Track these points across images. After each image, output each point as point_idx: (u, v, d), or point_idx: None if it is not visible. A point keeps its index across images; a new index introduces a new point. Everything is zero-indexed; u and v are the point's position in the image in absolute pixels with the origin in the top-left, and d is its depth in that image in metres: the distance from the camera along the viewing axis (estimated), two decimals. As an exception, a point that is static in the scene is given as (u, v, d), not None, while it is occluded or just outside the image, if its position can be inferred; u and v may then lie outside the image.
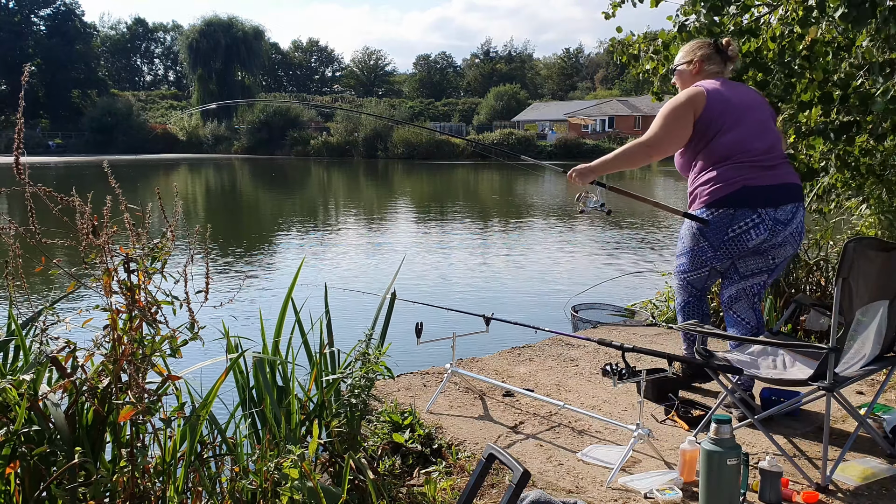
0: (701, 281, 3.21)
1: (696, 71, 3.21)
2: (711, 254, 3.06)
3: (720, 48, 3.22)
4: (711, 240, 3.03)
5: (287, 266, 9.76)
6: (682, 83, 3.29)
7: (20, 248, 1.93)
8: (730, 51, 3.23)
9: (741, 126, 3.03)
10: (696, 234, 3.08)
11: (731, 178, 3.00)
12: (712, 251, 3.05)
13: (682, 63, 3.27)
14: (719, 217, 2.99)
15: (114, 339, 1.90)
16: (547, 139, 50.66)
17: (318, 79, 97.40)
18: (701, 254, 3.09)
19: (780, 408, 2.87)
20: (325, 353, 2.83)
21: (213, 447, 2.32)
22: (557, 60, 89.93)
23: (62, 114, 66.02)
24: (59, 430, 1.89)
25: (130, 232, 1.90)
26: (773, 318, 4.33)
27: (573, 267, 9.73)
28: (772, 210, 2.99)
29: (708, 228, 3.02)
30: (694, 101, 3.04)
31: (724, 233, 2.99)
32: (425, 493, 2.46)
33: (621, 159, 3.15)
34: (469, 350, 4.25)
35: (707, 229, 3.02)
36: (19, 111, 1.73)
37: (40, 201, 1.84)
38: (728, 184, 3.00)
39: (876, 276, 2.53)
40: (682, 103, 3.05)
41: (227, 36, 63.85)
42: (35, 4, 68.83)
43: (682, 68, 3.27)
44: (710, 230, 3.02)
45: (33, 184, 1.81)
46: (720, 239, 3.01)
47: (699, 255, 3.10)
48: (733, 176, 3.00)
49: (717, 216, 3.00)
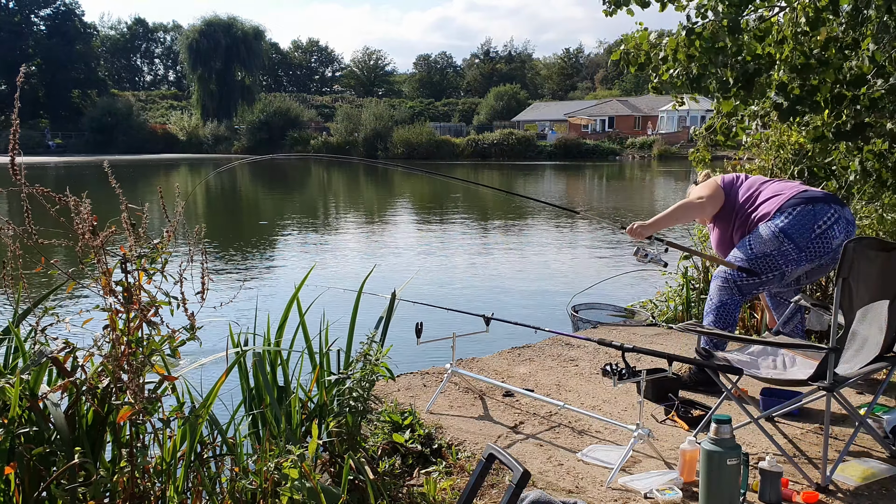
0: (753, 287, 3.21)
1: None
2: (795, 256, 3.02)
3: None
4: (797, 239, 3.00)
5: (288, 266, 9.76)
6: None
7: (19, 248, 1.93)
8: None
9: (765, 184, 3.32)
10: (778, 236, 3.05)
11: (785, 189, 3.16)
12: (797, 252, 3.01)
13: None
14: (801, 214, 3.00)
15: (113, 340, 1.90)
16: (547, 139, 50.63)
17: (318, 79, 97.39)
18: (780, 257, 3.07)
19: (780, 408, 2.88)
20: (326, 353, 2.83)
21: (213, 447, 2.32)
22: (557, 60, 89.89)
23: (62, 114, 65.99)
24: (59, 430, 1.89)
25: (128, 232, 1.90)
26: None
27: (573, 267, 9.73)
28: (839, 208, 3.01)
29: (791, 228, 3.03)
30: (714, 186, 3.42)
31: (810, 230, 2.97)
32: (425, 493, 2.46)
33: (669, 217, 3.41)
34: (469, 350, 4.25)
35: (791, 229, 3.03)
36: (15, 111, 1.73)
37: (39, 201, 1.83)
38: (786, 193, 3.12)
39: (876, 276, 2.53)
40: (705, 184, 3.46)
41: (227, 36, 63.78)
42: (35, 4, 68.81)
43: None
44: (795, 229, 3.01)
45: (29, 184, 1.80)
46: (807, 237, 2.98)
47: (776, 258, 3.08)
48: (784, 187, 3.18)
49: (798, 213, 3.01)
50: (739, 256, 3.22)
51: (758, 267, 3.14)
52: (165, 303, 1.93)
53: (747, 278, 3.18)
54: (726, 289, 3.26)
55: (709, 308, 3.35)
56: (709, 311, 3.35)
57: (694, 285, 5.05)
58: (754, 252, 3.15)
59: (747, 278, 3.18)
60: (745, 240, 3.21)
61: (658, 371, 2.67)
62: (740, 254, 3.21)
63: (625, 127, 54.08)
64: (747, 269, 3.12)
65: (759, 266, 3.14)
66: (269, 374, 2.59)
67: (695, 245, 5.05)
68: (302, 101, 70.14)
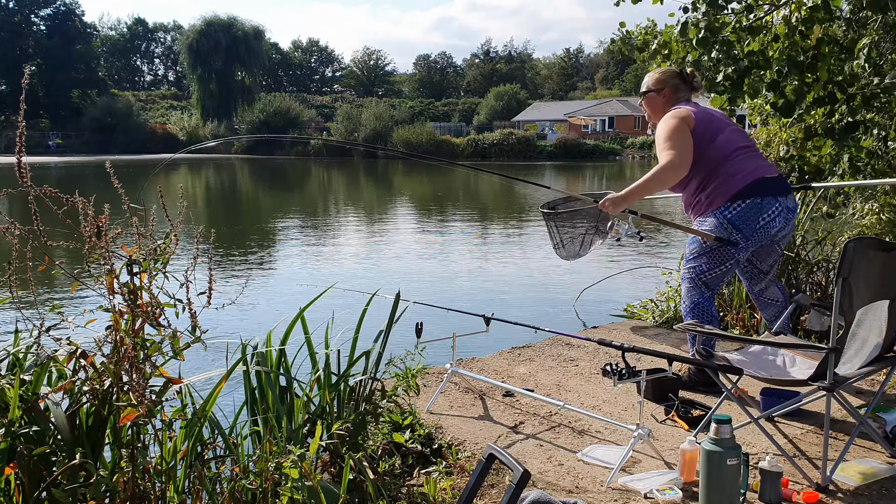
0: (717, 280, 3.28)
1: (668, 100, 3.40)
2: (744, 244, 3.16)
3: (686, 78, 3.45)
4: (744, 230, 3.14)
5: (288, 265, 9.75)
6: (652, 110, 3.46)
7: (21, 247, 1.93)
8: (694, 82, 3.46)
9: (726, 131, 3.25)
10: (727, 228, 3.16)
11: (746, 170, 3.17)
12: (744, 241, 3.16)
13: (653, 90, 3.45)
14: (749, 207, 3.14)
15: (116, 341, 1.90)
16: (547, 139, 50.63)
17: (318, 79, 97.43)
18: (730, 246, 3.18)
19: (780, 408, 2.88)
20: (327, 353, 2.83)
21: (214, 447, 2.32)
22: (557, 60, 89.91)
23: (62, 114, 65.99)
24: (60, 431, 1.89)
25: (136, 232, 1.90)
26: (774, 318, 4.32)
27: (573, 266, 9.73)
28: (783, 199, 3.18)
29: (739, 220, 3.14)
30: (686, 118, 3.22)
31: (756, 221, 3.14)
32: (425, 493, 2.46)
33: (651, 184, 3.21)
34: (469, 350, 4.25)
35: (738, 220, 3.14)
36: (20, 114, 1.73)
37: (42, 202, 1.84)
38: (745, 175, 3.16)
39: (876, 276, 2.53)
40: (678, 122, 3.21)
41: (227, 36, 63.79)
42: (35, 4, 68.81)
43: (653, 95, 3.45)
44: (742, 220, 3.14)
45: (36, 186, 1.80)
46: (752, 228, 3.14)
47: (728, 248, 3.18)
48: (747, 167, 3.18)
49: (747, 206, 3.14)
50: (695, 251, 3.28)
51: (716, 258, 3.23)
52: (170, 305, 1.93)
53: (710, 271, 3.25)
54: (695, 288, 3.31)
55: (685, 311, 3.38)
56: (685, 314, 3.38)
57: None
58: (709, 245, 3.22)
59: (710, 271, 3.25)
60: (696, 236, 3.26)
61: (658, 371, 2.67)
62: (695, 249, 3.28)
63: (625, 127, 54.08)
64: (725, 238, 3.16)
65: (717, 258, 3.23)
66: (271, 375, 2.59)
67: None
68: (302, 101, 70.19)
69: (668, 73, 3.46)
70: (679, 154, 3.15)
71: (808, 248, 4.77)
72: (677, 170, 3.15)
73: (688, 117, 3.22)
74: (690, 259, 3.31)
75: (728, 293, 4.73)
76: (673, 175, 3.16)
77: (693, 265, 3.30)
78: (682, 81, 3.44)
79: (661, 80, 3.44)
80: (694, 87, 3.47)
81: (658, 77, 3.45)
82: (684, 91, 3.43)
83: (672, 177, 3.17)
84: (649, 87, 3.46)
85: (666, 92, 3.41)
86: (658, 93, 3.43)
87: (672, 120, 3.23)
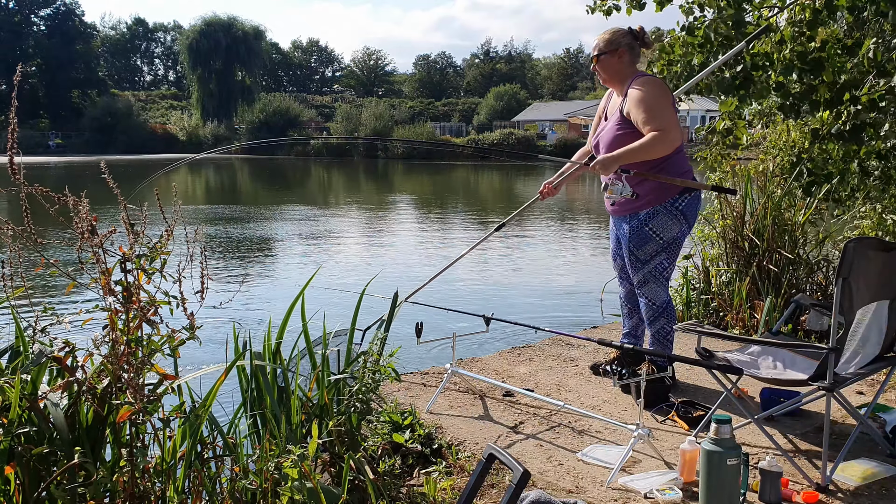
0: (670, 273, 3.35)
1: (624, 60, 3.31)
2: (687, 233, 3.31)
3: (637, 35, 3.35)
4: (692, 219, 3.30)
5: (287, 265, 9.76)
6: (609, 73, 3.35)
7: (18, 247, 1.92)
8: (645, 38, 3.38)
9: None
10: (679, 219, 3.24)
11: (686, 168, 3.28)
12: (688, 229, 3.31)
13: (606, 52, 3.32)
14: (694, 199, 3.28)
15: (112, 339, 1.90)
16: (547, 139, 50.65)
17: (318, 79, 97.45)
18: (681, 237, 3.29)
19: (780, 408, 2.88)
20: (326, 353, 2.83)
21: (214, 447, 2.32)
22: (558, 60, 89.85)
23: (62, 114, 66.01)
24: (59, 430, 1.89)
25: (128, 231, 1.90)
26: (774, 318, 4.32)
27: (574, 266, 9.74)
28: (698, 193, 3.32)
29: (689, 210, 3.25)
30: (667, 88, 3.28)
31: (696, 214, 3.33)
32: (425, 493, 2.46)
33: (644, 150, 3.09)
34: (469, 350, 4.26)
35: (688, 211, 3.25)
36: (12, 110, 1.73)
37: (38, 201, 1.83)
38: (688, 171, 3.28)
39: (876, 276, 2.53)
40: (663, 91, 3.22)
41: (227, 36, 63.79)
42: (35, 4, 68.83)
43: (607, 57, 3.33)
44: (691, 212, 3.26)
45: (28, 184, 1.80)
46: (694, 219, 3.32)
47: (680, 239, 3.29)
48: (686, 166, 3.29)
49: (692, 199, 3.27)
50: (649, 251, 3.25)
51: (673, 253, 3.29)
52: (165, 302, 1.93)
53: (671, 265, 3.32)
54: (660, 286, 3.30)
55: (656, 312, 3.30)
56: (658, 314, 3.30)
57: (694, 285, 5.04)
58: (665, 240, 3.24)
59: (671, 265, 3.32)
60: (649, 231, 3.22)
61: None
62: (651, 248, 3.24)
63: (625, 127, 53.98)
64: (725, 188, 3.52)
65: (673, 252, 3.29)
66: (269, 374, 2.59)
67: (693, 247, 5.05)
68: (302, 101, 70.14)
69: (619, 33, 3.31)
70: (669, 122, 3.08)
71: (808, 249, 4.77)
72: (668, 135, 3.06)
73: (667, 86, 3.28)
74: (648, 260, 3.26)
75: (728, 293, 4.73)
76: (666, 143, 3.07)
77: (654, 264, 3.26)
78: (634, 39, 3.32)
79: (613, 40, 3.29)
80: (645, 42, 3.35)
81: (609, 38, 3.30)
82: (638, 49, 3.34)
83: (664, 144, 3.08)
84: (601, 49, 3.31)
85: (621, 51, 3.27)
86: (612, 54, 3.28)
87: (656, 89, 3.16)
